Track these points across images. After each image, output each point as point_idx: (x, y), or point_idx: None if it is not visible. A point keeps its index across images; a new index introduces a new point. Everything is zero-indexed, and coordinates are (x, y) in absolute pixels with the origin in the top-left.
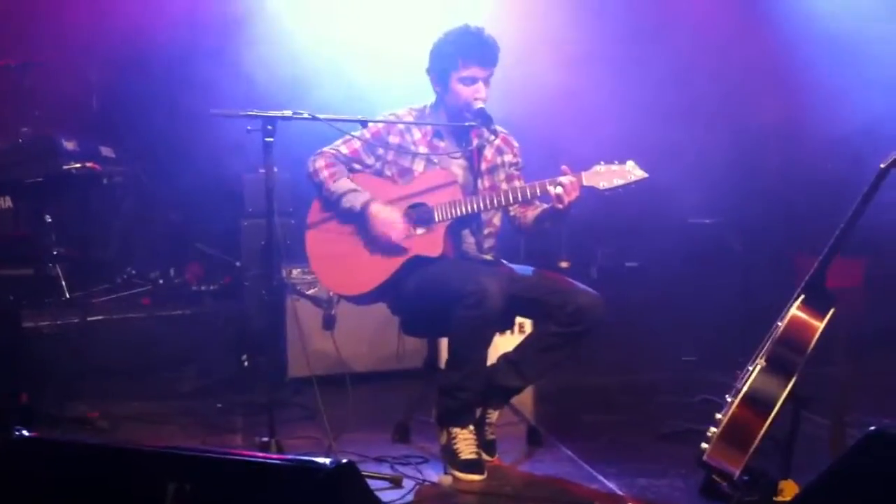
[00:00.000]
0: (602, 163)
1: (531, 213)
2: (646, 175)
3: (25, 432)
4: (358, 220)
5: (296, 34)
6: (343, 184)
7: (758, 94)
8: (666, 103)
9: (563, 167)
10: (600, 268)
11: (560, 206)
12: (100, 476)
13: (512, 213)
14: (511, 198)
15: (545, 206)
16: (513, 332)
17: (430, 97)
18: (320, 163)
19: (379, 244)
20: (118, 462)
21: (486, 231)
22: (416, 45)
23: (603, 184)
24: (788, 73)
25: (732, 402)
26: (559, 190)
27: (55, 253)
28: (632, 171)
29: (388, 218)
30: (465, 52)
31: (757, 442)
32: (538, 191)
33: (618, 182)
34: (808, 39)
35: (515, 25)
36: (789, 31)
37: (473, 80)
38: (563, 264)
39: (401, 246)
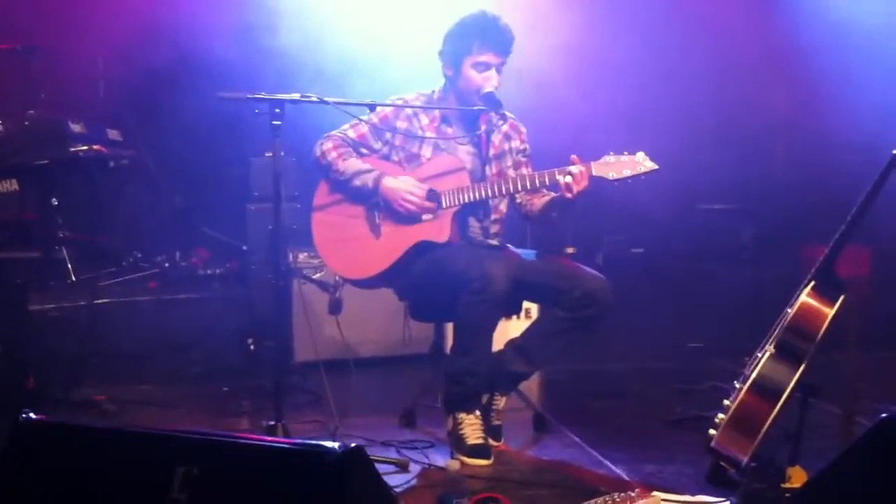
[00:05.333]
0: (612, 153)
1: (538, 202)
2: (656, 167)
3: (33, 415)
4: (365, 204)
5: (308, 17)
6: (353, 163)
7: (770, 82)
8: (676, 91)
9: (573, 157)
10: (606, 254)
11: (569, 195)
12: (108, 459)
13: (518, 201)
14: (519, 185)
15: (553, 194)
16: (520, 317)
17: (439, 82)
18: (328, 145)
19: (398, 218)
20: (126, 445)
21: (492, 217)
22: (426, 29)
23: (612, 174)
24: (802, 62)
25: (741, 388)
26: (568, 179)
27: (62, 236)
28: (642, 163)
29: (405, 185)
30: (481, 37)
31: (765, 429)
32: (547, 179)
33: (627, 173)
34: (819, 27)
35: (525, 12)
36: (800, 19)
37: (487, 67)
38: (569, 250)
39: (427, 207)
